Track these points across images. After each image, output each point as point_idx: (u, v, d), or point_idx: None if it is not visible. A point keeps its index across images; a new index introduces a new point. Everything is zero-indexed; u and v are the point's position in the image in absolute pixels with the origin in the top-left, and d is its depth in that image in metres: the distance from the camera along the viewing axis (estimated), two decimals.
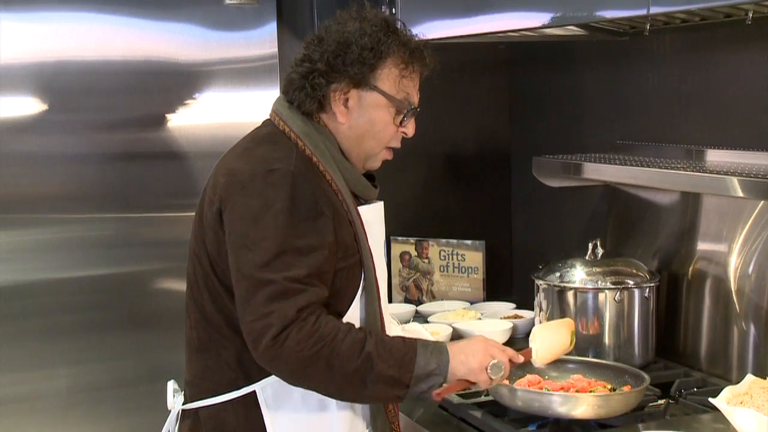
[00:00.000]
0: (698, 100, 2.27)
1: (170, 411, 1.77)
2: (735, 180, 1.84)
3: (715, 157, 2.16)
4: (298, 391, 1.65)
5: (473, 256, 2.84)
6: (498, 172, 3.02)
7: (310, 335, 1.53)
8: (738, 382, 1.83)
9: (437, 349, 1.63)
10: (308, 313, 1.55)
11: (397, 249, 2.91)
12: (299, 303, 1.54)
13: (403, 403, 2.06)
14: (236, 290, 1.59)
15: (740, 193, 1.84)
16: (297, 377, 1.58)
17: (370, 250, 1.70)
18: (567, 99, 2.75)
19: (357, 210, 1.69)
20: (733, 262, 2.11)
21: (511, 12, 2.06)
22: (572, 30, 2.33)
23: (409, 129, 1.76)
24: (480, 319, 2.62)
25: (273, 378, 1.64)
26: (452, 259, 2.86)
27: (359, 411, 1.72)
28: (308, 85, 1.68)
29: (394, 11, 2.41)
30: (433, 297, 2.88)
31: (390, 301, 2.86)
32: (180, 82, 2.61)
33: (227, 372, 1.67)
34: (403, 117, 1.72)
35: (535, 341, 1.84)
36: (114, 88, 2.55)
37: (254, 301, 1.55)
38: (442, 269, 2.87)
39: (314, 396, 1.65)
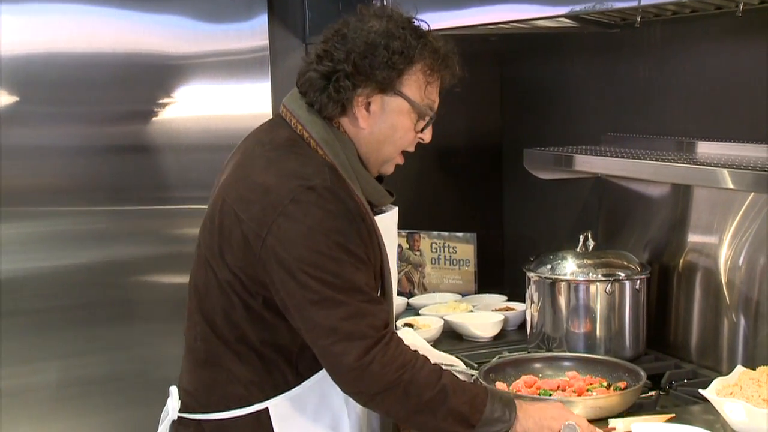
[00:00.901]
0: (689, 92, 2.27)
1: (164, 414, 1.73)
2: (725, 172, 1.84)
3: (705, 148, 2.16)
4: (310, 410, 1.64)
5: (464, 249, 2.84)
6: (489, 164, 3.02)
7: (394, 360, 1.54)
8: (728, 374, 1.84)
9: (506, 398, 1.64)
10: (386, 332, 1.55)
11: None
12: (375, 322, 1.54)
13: None
14: (300, 316, 1.55)
15: (731, 185, 1.84)
16: (374, 400, 1.57)
17: (388, 261, 1.66)
18: (558, 91, 2.75)
19: (374, 221, 1.64)
20: (724, 254, 2.12)
21: (502, 4, 2.05)
22: (563, 22, 2.33)
23: (427, 135, 1.71)
24: (472, 311, 2.62)
25: (287, 395, 1.63)
26: (444, 251, 2.86)
27: (372, 419, 1.71)
28: (332, 88, 1.60)
29: (384, 2, 2.41)
30: (424, 289, 2.88)
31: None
32: (170, 74, 2.60)
33: (238, 388, 1.63)
34: (425, 124, 1.68)
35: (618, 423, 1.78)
36: (103, 81, 2.54)
37: (327, 324, 1.52)
38: (433, 262, 2.87)
39: (326, 414, 1.64)
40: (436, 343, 2.42)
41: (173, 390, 1.72)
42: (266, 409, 1.63)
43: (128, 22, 2.55)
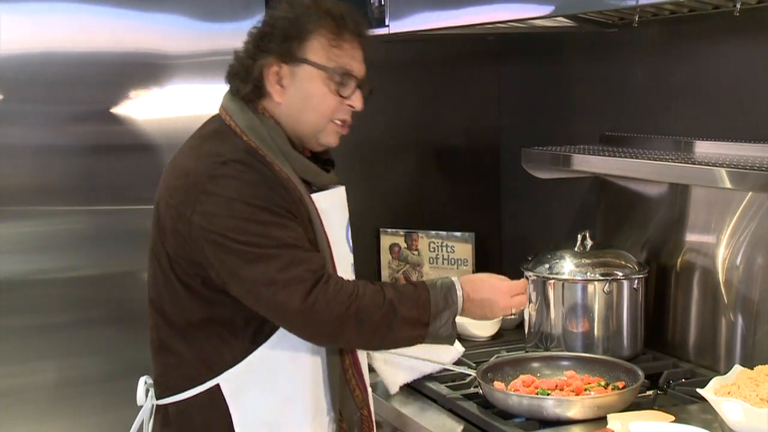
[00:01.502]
0: (687, 92, 2.28)
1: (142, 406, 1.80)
2: (723, 171, 1.84)
3: (703, 148, 2.16)
4: (261, 381, 1.67)
5: (463, 248, 2.84)
6: (487, 163, 3.02)
7: (336, 294, 1.59)
8: (726, 373, 1.84)
9: (445, 284, 1.71)
10: (323, 272, 1.60)
11: (386, 241, 2.90)
12: (311, 266, 1.60)
13: (394, 394, 2.07)
14: (236, 284, 1.61)
15: (728, 185, 1.84)
16: (329, 337, 1.64)
17: (326, 236, 1.70)
18: (556, 90, 2.75)
19: (310, 197, 1.70)
20: (721, 254, 2.12)
21: (499, 3, 2.05)
22: (561, 21, 2.33)
23: (355, 101, 1.74)
24: None
25: (236, 369, 1.66)
26: (442, 250, 2.86)
27: (325, 398, 1.73)
28: (241, 70, 1.71)
29: (383, 2, 2.41)
30: None
31: None
32: (168, 73, 2.60)
33: (188, 368, 1.69)
34: (341, 86, 1.70)
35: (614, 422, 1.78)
36: (101, 80, 2.53)
37: (265, 278, 1.58)
38: (431, 261, 2.87)
39: (278, 385, 1.68)
40: None
41: (141, 380, 1.80)
42: (218, 386, 1.67)
43: (125, 21, 2.54)
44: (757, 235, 2.03)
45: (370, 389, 1.82)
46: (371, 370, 2.04)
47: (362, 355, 1.79)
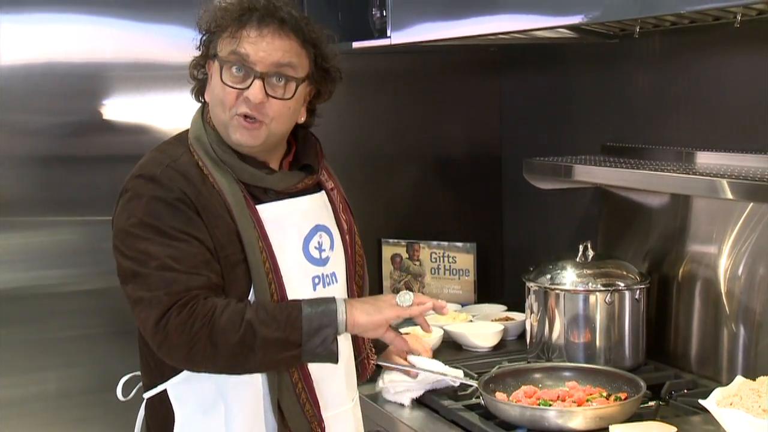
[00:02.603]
0: (688, 103, 2.28)
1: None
2: (725, 182, 1.84)
3: (704, 159, 2.16)
4: (203, 390, 1.68)
5: (464, 259, 2.84)
6: (489, 174, 3.02)
7: (189, 317, 1.58)
8: (728, 384, 1.84)
9: (324, 301, 1.65)
10: (186, 297, 1.59)
11: (388, 251, 2.91)
12: (174, 288, 1.59)
13: (388, 404, 2.07)
14: (124, 292, 1.66)
15: (730, 195, 1.84)
16: (186, 361, 1.62)
17: (269, 248, 1.66)
18: (557, 101, 2.76)
19: (252, 209, 1.67)
20: (723, 264, 2.12)
21: (501, 14, 2.06)
22: (562, 32, 2.34)
23: (250, 92, 1.63)
24: (471, 321, 2.62)
25: (180, 377, 1.68)
26: (443, 261, 2.86)
27: (266, 412, 1.69)
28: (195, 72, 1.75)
29: (384, 13, 2.41)
30: None
31: None
32: (170, 83, 2.61)
33: (147, 372, 1.75)
34: (232, 76, 1.64)
35: None
36: (104, 91, 2.54)
37: (135, 295, 1.62)
38: (433, 272, 2.87)
39: (221, 391, 1.67)
40: (436, 353, 2.42)
41: (123, 379, 1.86)
42: (165, 391, 1.71)
43: (128, 31, 2.55)
44: (759, 245, 2.03)
45: (349, 401, 1.81)
46: (378, 376, 2.04)
47: (317, 371, 1.71)
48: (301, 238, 1.74)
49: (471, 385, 2.03)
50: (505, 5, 2.02)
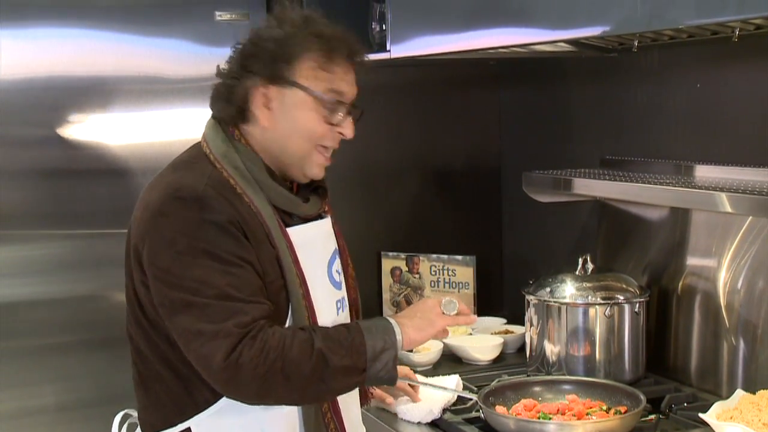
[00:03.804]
0: (686, 116, 2.29)
1: None
2: (723, 195, 1.85)
3: (703, 172, 2.17)
4: (232, 425, 1.60)
5: (464, 272, 2.84)
6: (488, 187, 3.02)
7: (261, 350, 1.49)
8: (728, 398, 1.84)
9: (381, 326, 1.62)
10: (253, 328, 1.51)
11: (387, 264, 2.91)
12: (242, 319, 1.50)
13: (394, 419, 2.07)
14: (173, 325, 1.54)
15: (729, 209, 1.85)
16: (257, 395, 1.54)
17: (302, 273, 1.62)
18: (556, 114, 2.76)
19: (284, 232, 1.61)
20: (723, 277, 2.12)
21: (500, 28, 2.07)
22: (561, 46, 2.34)
23: (347, 129, 1.64)
24: (471, 334, 2.62)
25: (207, 413, 1.60)
26: (443, 274, 2.86)
27: None
28: (224, 90, 1.63)
29: (384, 27, 2.42)
30: None
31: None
32: (171, 97, 2.61)
33: (161, 409, 1.63)
34: (331, 112, 1.61)
35: None
36: (105, 104, 2.55)
37: (193, 328, 1.50)
38: (432, 284, 2.87)
39: (250, 428, 1.60)
40: (436, 367, 2.42)
41: (118, 416, 1.76)
42: (188, 429, 1.60)
43: (128, 46, 2.56)
44: (758, 259, 2.04)
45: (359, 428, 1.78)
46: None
47: (341, 398, 1.68)
48: (325, 263, 1.71)
49: (470, 399, 2.03)
50: (505, 19, 2.03)
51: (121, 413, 1.76)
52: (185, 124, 2.64)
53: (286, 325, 1.61)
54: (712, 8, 1.54)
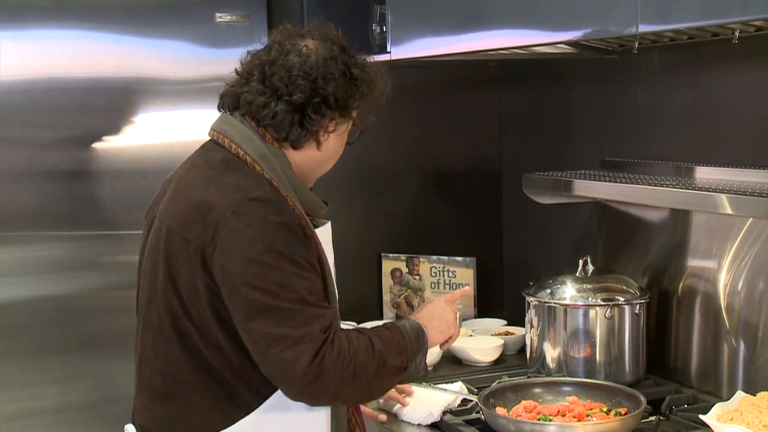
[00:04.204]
0: (687, 118, 2.29)
1: None
2: (724, 197, 1.85)
3: (703, 174, 2.17)
4: (274, 428, 1.60)
5: (464, 273, 2.84)
6: (488, 188, 3.03)
7: (339, 353, 1.53)
8: (728, 399, 1.84)
9: (414, 327, 1.69)
10: (331, 332, 1.55)
11: (388, 266, 2.91)
12: (323, 323, 1.53)
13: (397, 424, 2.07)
14: (247, 329, 1.53)
15: (729, 210, 1.85)
16: (332, 397, 1.58)
17: (332, 276, 1.67)
18: (557, 116, 2.77)
19: (314, 234, 1.64)
20: (723, 279, 2.12)
21: (500, 30, 2.07)
22: (562, 48, 2.35)
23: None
24: (471, 335, 2.61)
25: (249, 418, 1.59)
26: (443, 275, 2.86)
27: None
28: (305, 119, 1.63)
29: (384, 29, 2.43)
30: None
31: (381, 318, 2.86)
32: (171, 98, 2.62)
33: (200, 418, 1.60)
34: (352, 136, 1.76)
35: None
36: (105, 106, 2.55)
37: (276, 333, 1.50)
38: (433, 286, 2.87)
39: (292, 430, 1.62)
40: (436, 368, 2.42)
41: (129, 428, 1.71)
42: None
43: (128, 47, 2.56)
44: (759, 260, 2.04)
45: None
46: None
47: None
48: (333, 264, 1.74)
49: (471, 400, 2.03)
50: (505, 21, 2.04)
51: (130, 426, 1.72)
52: (186, 126, 2.64)
53: None
54: (716, 9, 1.54)
